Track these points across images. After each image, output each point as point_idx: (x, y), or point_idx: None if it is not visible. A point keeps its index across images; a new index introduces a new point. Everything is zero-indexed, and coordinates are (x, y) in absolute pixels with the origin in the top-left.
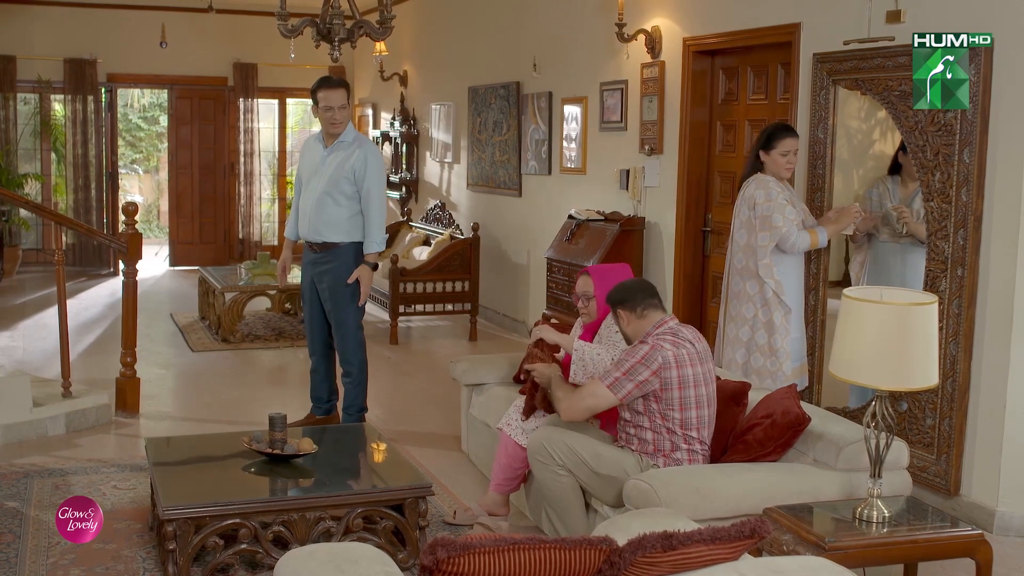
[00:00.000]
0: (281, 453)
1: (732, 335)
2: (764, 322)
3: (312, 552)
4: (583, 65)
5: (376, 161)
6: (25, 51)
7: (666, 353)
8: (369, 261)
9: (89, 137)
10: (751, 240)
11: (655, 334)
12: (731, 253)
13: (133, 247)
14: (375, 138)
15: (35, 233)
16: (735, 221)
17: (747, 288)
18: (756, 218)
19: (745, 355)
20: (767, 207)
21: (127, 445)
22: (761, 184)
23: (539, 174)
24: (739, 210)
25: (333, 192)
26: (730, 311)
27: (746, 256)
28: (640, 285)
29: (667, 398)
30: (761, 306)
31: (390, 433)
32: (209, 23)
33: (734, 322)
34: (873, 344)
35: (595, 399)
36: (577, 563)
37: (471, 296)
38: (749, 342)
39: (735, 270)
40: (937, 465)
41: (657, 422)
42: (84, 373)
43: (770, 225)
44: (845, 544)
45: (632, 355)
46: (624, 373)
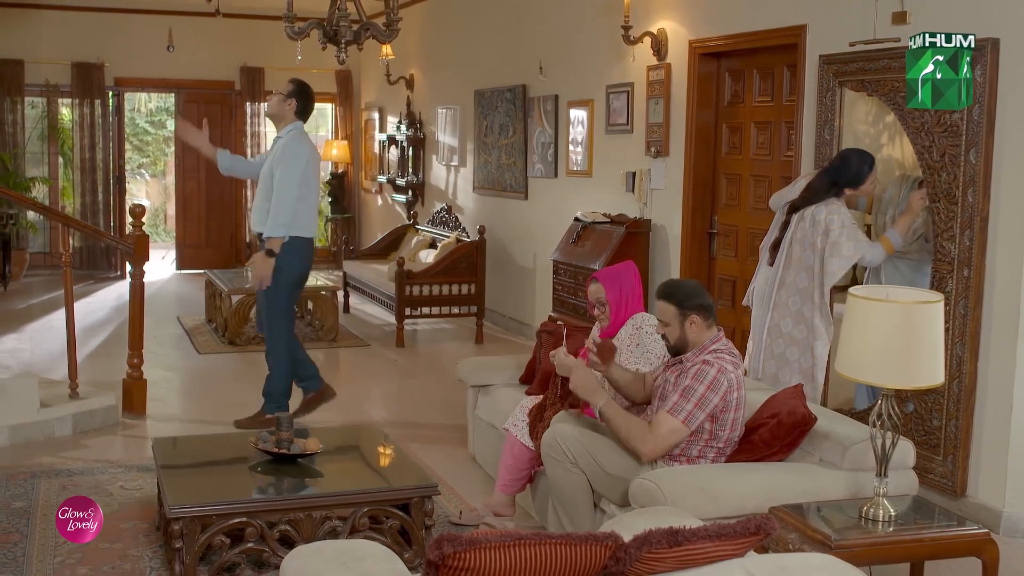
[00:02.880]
0: (287, 453)
1: (778, 351)
2: (810, 346)
3: (319, 549)
4: (589, 68)
5: (293, 150)
6: (33, 55)
7: (731, 376)
8: (267, 247)
9: (96, 141)
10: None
11: (711, 349)
12: (783, 268)
13: (140, 248)
14: (381, 142)
15: (42, 237)
16: (794, 237)
17: (804, 309)
18: (829, 244)
19: (788, 374)
20: (839, 233)
21: (134, 446)
22: (834, 211)
23: (545, 177)
24: (805, 232)
25: (264, 186)
26: (780, 326)
27: (808, 277)
28: (705, 291)
29: (723, 419)
30: (809, 331)
31: (396, 435)
32: (216, 27)
33: (782, 338)
34: (879, 343)
35: (675, 436)
36: (583, 559)
37: (477, 299)
38: (792, 360)
39: (793, 287)
40: (943, 466)
41: (700, 439)
42: (91, 375)
43: (840, 254)
44: (851, 542)
45: (699, 381)
46: (696, 404)
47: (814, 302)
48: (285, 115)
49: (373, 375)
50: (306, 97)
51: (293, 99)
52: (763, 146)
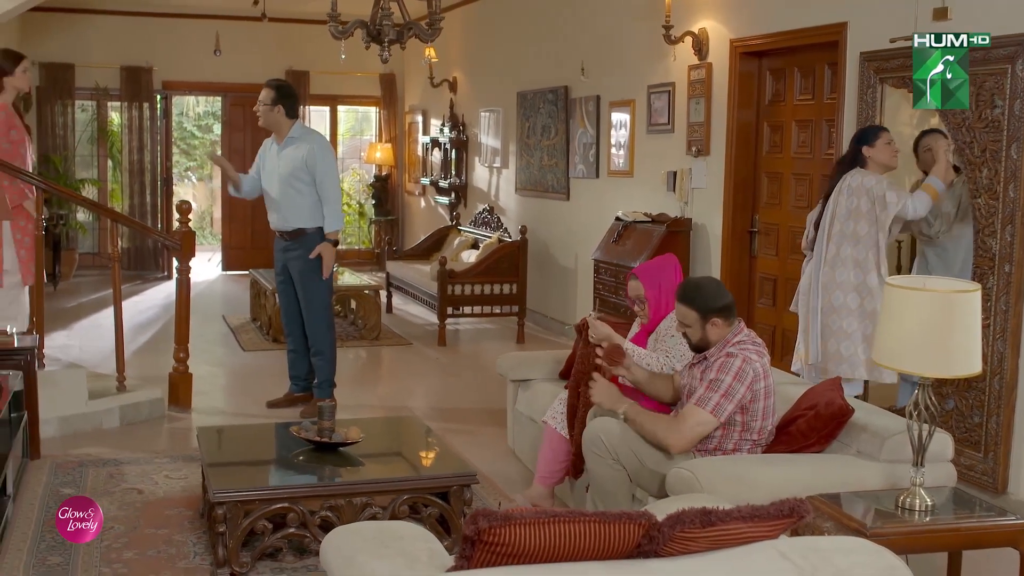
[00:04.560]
0: (329, 441)
1: (835, 326)
2: (870, 312)
3: (358, 529)
4: (630, 68)
5: (323, 151)
6: (83, 59)
7: (755, 365)
8: (329, 238)
9: (144, 144)
10: (860, 227)
11: (734, 342)
12: (826, 250)
13: (186, 244)
14: (424, 144)
15: (91, 238)
16: (834, 215)
17: (852, 277)
18: (876, 199)
19: (851, 347)
20: (879, 188)
21: (179, 437)
22: (865, 174)
23: (587, 177)
24: (841, 204)
25: (294, 183)
26: (832, 304)
27: (853, 244)
28: (724, 289)
29: (753, 409)
30: (867, 294)
31: (436, 428)
32: (262, 31)
33: (836, 313)
34: (916, 331)
35: (703, 427)
36: (617, 537)
37: (519, 299)
38: (852, 331)
39: (839, 261)
40: (984, 463)
41: (734, 431)
42: (138, 370)
43: (886, 203)
44: (886, 531)
45: (725, 372)
46: (723, 395)
47: (867, 265)
48: (280, 122)
49: (415, 372)
50: (290, 97)
51: (279, 104)
52: (804, 144)
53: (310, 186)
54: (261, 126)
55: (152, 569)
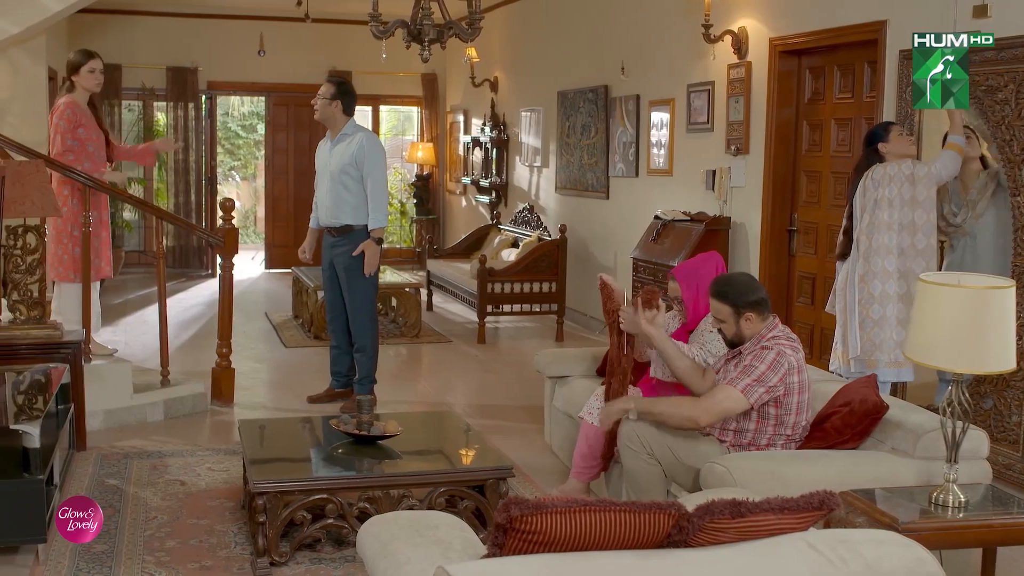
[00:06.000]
0: (368, 435)
1: (876, 315)
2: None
3: (394, 518)
4: (670, 67)
5: (373, 147)
6: (130, 60)
7: (790, 359)
8: (374, 236)
9: (189, 143)
10: (893, 214)
11: (768, 337)
12: (861, 243)
13: (230, 241)
14: (465, 144)
15: (137, 236)
16: (864, 208)
17: (887, 264)
18: (907, 180)
19: (898, 333)
20: (907, 168)
21: (222, 431)
22: (886, 165)
23: (626, 176)
24: (869, 196)
25: (343, 179)
26: (871, 293)
27: (887, 230)
28: (757, 284)
29: (787, 403)
30: (908, 280)
31: (473, 424)
32: (305, 32)
33: (876, 302)
34: (950, 327)
35: (731, 403)
36: (647, 526)
37: (558, 297)
38: (890, 316)
39: (875, 251)
40: (1022, 462)
41: (768, 425)
42: (182, 365)
43: (917, 177)
44: (919, 526)
45: (759, 361)
46: (755, 380)
47: (907, 250)
48: (336, 117)
49: (453, 369)
50: (349, 94)
51: (338, 100)
52: (843, 143)
53: (358, 182)
54: (317, 119)
55: (193, 558)
